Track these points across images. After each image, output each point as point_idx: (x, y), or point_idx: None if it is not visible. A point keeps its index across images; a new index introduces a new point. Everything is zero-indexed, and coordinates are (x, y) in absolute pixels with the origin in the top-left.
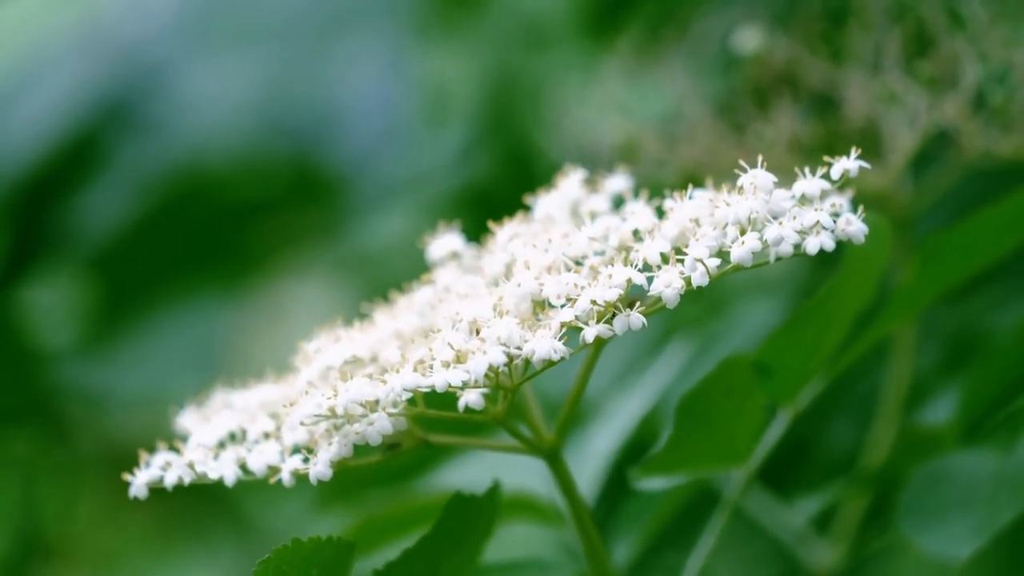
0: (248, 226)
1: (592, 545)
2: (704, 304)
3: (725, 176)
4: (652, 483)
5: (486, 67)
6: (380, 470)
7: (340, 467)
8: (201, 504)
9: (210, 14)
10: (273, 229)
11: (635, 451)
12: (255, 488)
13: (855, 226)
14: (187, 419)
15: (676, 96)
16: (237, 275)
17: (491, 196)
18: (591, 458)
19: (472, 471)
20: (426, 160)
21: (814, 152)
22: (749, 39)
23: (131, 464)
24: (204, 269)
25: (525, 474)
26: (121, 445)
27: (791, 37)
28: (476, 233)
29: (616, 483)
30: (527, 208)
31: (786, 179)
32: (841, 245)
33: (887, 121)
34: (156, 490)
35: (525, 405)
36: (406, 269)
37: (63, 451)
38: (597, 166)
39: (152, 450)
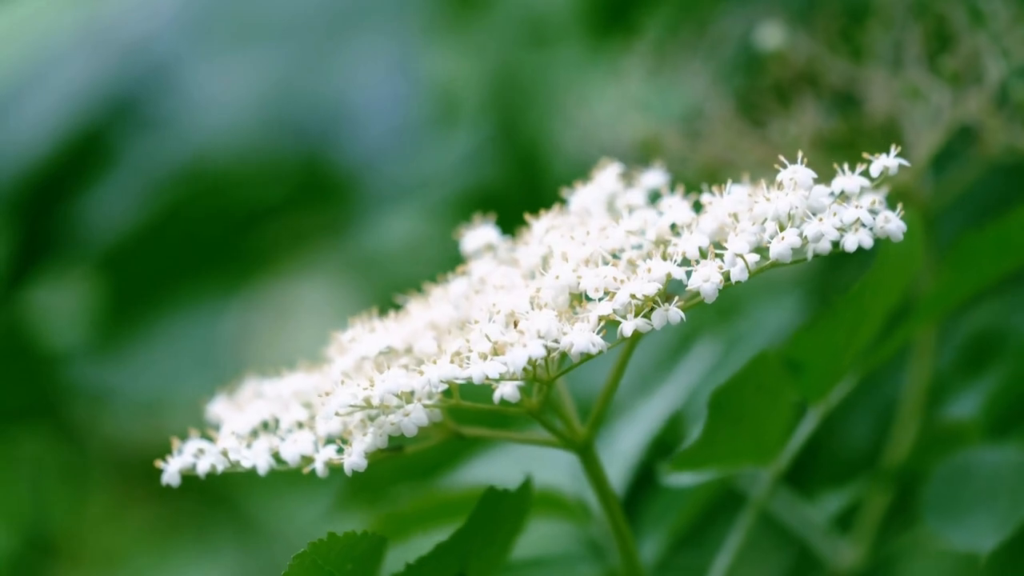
0: (256, 227)
1: (624, 541)
2: (718, 305)
3: (747, 174)
4: (680, 479)
5: (494, 66)
6: (405, 465)
7: (371, 459)
8: (204, 503)
9: (215, 12)
10: (280, 230)
11: (661, 450)
12: (258, 487)
13: (894, 224)
14: (218, 407)
15: (697, 93)
16: (244, 276)
17: (499, 198)
18: (618, 455)
19: (497, 467)
20: (434, 161)
21: (836, 149)
22: (770, 36)
23: (136, 464)
24: (211, 270)
25: (551, 470)
26: (126, 445)
27: (812, 34)
28: None
29: (643, 480)
30: (535, 210)
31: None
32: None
33: (909, 118)
34: (159, 489)
35: (558, 399)
36: (412, 271)
37: (70, 451)
38: (613, 160)
39: (161, 449)
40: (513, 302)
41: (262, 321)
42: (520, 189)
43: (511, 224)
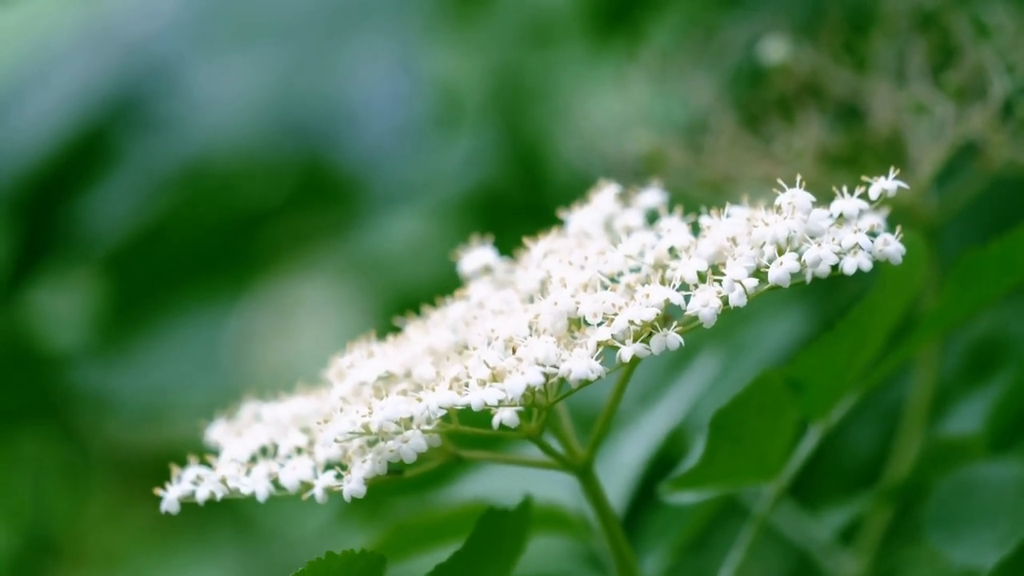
0: (258, 228)
1: (624, 560)
2: (719, 315)
3: (750, 187)
4: (682, 497)
5: (495, 66)
6: (403, 480)
7: (370, 484)
8: (204, 503)
9: (216, 12)
10: (282, 231)
11: (662, 463)
12: None
13: (893, 247)
14: (217, 432)
15: (701, 105)
16: (246, 278)
17: (501, 199)
18: (619, 470)
19: (494, 481)
20: (436, 161)
21: (840, 163)
22: (775, 49)
23: (137, 463)
24: (214, 271)
25: (550, 484)
26: (126, 445)
27: (815, 46)
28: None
29: (644, 494)
30: (537, 212)
31: (813, 190)
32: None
33: (913, 132)
34: (156, 488)
35: (557, 420)
36: (414, 272)
37: (71, 451)
38: (615, 173)
39: (162, 451)
40: (511, 327)
41: (264, 323)
42: (522, 190)
43: (513, 226)
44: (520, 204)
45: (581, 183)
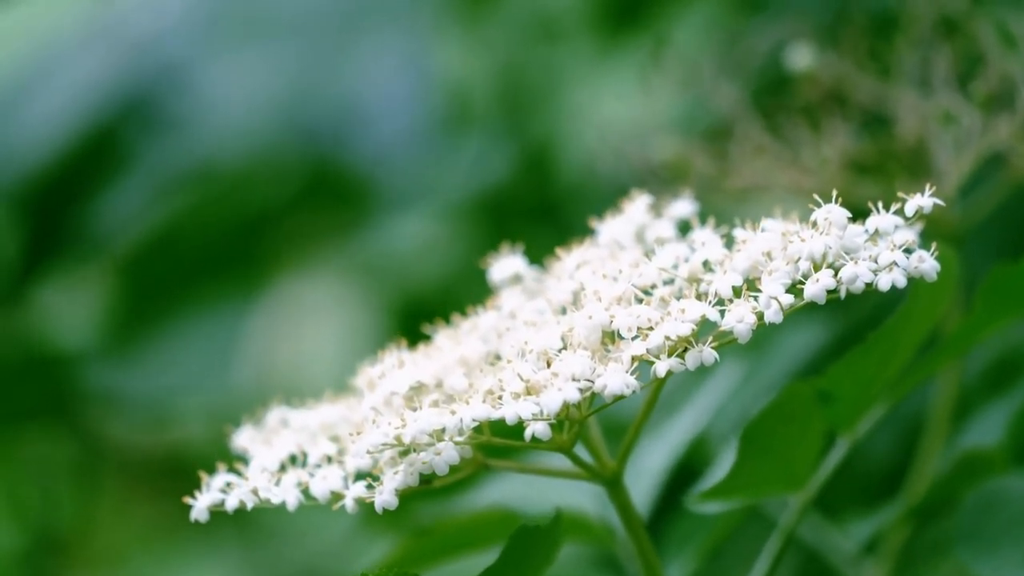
0: (268, 228)
1: (651, 568)
2: None
3: (776, 196)
4: (708, 506)
5: (503, 66)
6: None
7: (401, 494)
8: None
9: (226, 10)
10: (292, 231)
11: (685, 470)
12: None
13: (928, 264)
14: (244, 438)
15: (724, 111)
16: (256, 278)
17: (508, 201)
18: (643, 477)
19: (515, 487)
20: (445, 162)
21: (866, 171)
22: (801, 56)
23: (141, 461)
24: (224, 272)
25: (570, 491)
26: (131, 443)
27: (839, 53)
28: (493, 238)
29: (667, 502)
30: (546, 214)
31: (840, 200)
32: None
33: (939, 141)
34: (163, 487)
35: (586, 430)
36: (423, 272)
37: (79, 450)
38: (636, 178)
39: (166, 449)
40: (545, 340)
41: (273, 324)
42: (530, 190)
43: (520, 228)
44: (528, 206)
45: (590, 185)
